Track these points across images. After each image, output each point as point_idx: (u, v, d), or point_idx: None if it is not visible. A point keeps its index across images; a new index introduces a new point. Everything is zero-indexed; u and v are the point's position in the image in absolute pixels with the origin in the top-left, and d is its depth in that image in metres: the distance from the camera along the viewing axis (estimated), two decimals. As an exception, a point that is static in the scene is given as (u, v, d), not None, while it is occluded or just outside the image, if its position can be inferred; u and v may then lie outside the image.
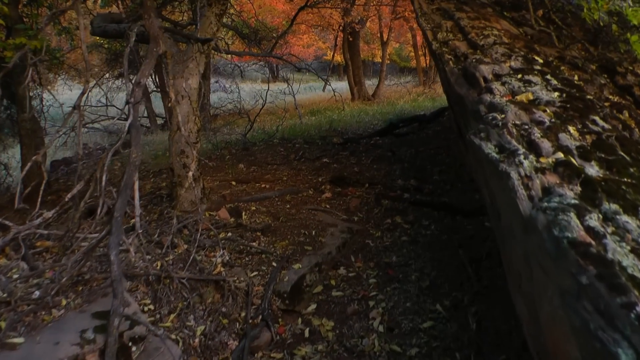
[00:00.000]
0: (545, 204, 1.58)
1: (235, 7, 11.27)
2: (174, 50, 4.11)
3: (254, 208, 4.22)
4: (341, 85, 19.16)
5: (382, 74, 16.88)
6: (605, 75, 3.40)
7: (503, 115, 2.30)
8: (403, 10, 15.73)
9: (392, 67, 26.83)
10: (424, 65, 21.22)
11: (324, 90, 16.99)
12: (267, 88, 8.90)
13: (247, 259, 3.36)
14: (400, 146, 6.91)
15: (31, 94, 7.77)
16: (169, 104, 3.23)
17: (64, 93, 9.96)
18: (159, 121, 13.02)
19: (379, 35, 18.90)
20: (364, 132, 8.81)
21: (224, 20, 12.03)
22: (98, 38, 9.98)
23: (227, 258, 3.34)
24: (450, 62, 3.26)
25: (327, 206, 4.36)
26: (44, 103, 8.30)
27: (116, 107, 11.34)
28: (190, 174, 3.10)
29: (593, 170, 1.87)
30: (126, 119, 2.81)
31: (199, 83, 4.04)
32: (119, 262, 2.28)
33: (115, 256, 2.27)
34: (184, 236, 3.59)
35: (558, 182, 1.78)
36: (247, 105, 11.56)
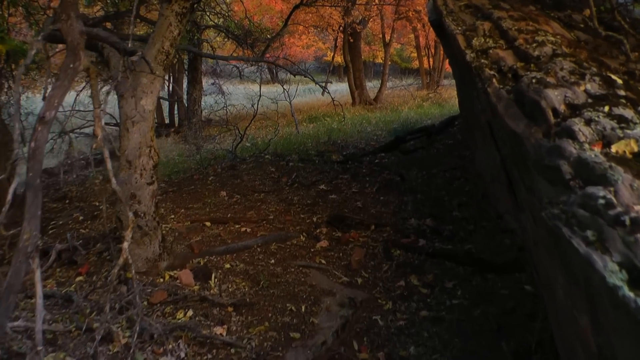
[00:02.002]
0: None
1: (226, 6, 10.29)
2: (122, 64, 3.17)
3: (228, 265, 3.27)
4: (341, 87, 18.16)
5: (384, 77, 15.89)
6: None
7: (612, 189, 1.36)
8: (406, 10, 14.79)
9: (393, 68, 25.88)
10: (427, 67, 20.27)
11: (322, 94, 16.01)
12: (259, 95, 7.96)
13: (209, 356, 2.42)
14: (409, 167, 5.96)
15: (5, 100, 6.87)
16: (94, 146, 2.28)
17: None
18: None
19: (380, 36, 17.94)
20: (366, 147, 7.86)
21: (217, 20, 11.10)
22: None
23: (183, 355, 2.41)
24: (494, 80, 2.31)
25: (323, 261, 3.41)
26: (21, 110, 7.42)
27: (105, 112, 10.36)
28: (127, 245, 2.17)
29: None
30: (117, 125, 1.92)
31: (154, 104, 3.12)
32: None
33: None
34: (130, 317, 2.65)
35: None
36: (242, 109, 10.57)
